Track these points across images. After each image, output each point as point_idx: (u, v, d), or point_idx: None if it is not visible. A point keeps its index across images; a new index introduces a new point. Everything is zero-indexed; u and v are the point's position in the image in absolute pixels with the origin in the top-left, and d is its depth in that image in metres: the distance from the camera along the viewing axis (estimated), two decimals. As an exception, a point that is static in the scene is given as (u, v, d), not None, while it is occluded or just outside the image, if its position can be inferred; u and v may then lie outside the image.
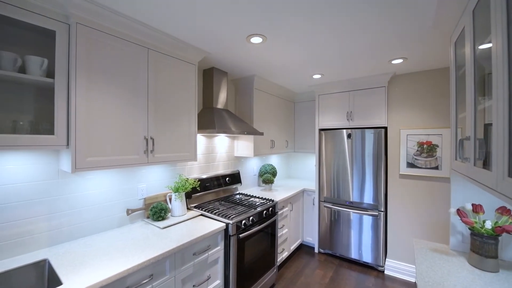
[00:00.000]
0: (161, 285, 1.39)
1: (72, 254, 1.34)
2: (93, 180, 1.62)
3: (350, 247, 2.94)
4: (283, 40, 1.80)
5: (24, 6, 1.15)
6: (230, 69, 2.50)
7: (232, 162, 2.90)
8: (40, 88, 1.36)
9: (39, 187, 1.39)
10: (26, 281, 1.24)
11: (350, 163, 2.93)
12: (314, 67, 2.44)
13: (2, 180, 1.26)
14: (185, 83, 1.89)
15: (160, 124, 1.70)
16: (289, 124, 3.61)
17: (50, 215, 1.43)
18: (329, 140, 3.10)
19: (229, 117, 2.37)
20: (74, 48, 1.27)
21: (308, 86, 3.25)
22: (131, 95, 1.53)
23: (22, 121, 1.24)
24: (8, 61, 1.15)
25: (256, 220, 2.11)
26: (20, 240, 1.33)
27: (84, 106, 1.31)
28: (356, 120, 2.92)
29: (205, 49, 1.97)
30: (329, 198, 3.10)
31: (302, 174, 4.09)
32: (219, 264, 1.81)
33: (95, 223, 1.62)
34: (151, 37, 1.62)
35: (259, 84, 2.83)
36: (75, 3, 1.25)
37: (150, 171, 1.98)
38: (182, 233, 1.64)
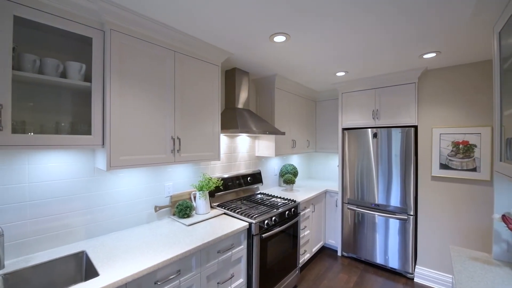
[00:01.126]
0: (188, 281, 1.42)
1: (107, 247, 1.43)
2: (124, 178, 1.71)
3: (375, 251, 2.81)
4: (306, 38, 1.77)
5: (66, 16, 1.24)
6: (251, 69, 2.50)
7: (253, 162, 2.91)
8: (79, 92, 1.46)
9: (77, 183, 1.50)
10: (67, 270, 1.34)
11: (376, 164, 2.81)
12: (338, 64, 2.36)
13: (45, 177, 1.38)
14: (209, 84, 1.93)
15: (185, 124, 1.75)
16: (310, 123, 3.54)
17: (86, 210, 1.53)
18: (353, 139, 2.99)
19: (251, 117, 2.37)
20: (108, 53, 1.35)
21: (331, 84, 3.16)
22: (159, 96, 1.59)
23: (64, 122, 1.35)
24: (52, 67, 1.25)
25: (279, 221, 2.10)
26: (60, 233, 1.44)
27: (117, 107, 1.38)
28: (382, 118, 2.78)
29: (228, 50, 1.99)
30: (353, 200, 2.99)
31: (324, 174, 3.99)
32: (242, 263, 1.82)
33: (126, 219, 1.71)
34: (177, 40, 1.68)
35: (280, 83, 2.81)
36: (110, 11, 1.32)
37: (176, 170, 2.05)
38: (207, 231, 1.67)
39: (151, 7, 1.37)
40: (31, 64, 1.18)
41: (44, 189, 1.37)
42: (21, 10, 1.11)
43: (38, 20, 1.16)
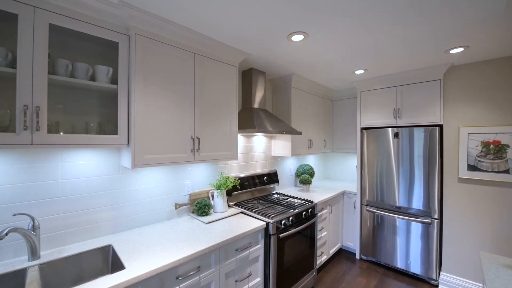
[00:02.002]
0: (207, 277, 1.46)
1: (131, 242, 1.49)
2: (147, 176, 1.78)
3: (396, 255, 2.71)
4: (325, 36, 1.74)
5: (95, 23, 1.31)
6: (268, 69, 2.51)
7: (269, 162, 2.91)
8: (106, 94, 1.54)
9: (104, 181, 1.58)
10: (95, 263, 1.42)
11: (396, 165, 2.70)
12: (357, 61, 2.30)
13: (75, 174, 1.47)
14: (227, 84, 1.96)
15: (204, 124, 1.79)
16: (327, 123, 3.48)
17: (112, 206, 1.61)
18: (372, 139, 2.90)
19: (267, 116, 2.38)
20: (133, 56, 1.41)
21: (349, 83, 3.09)
22: (180, 97, 1.64)
23: (92, 123, 1.43)
24: (82, 71, 1.32)
25: (296, 221, 2.08)
26: (89, 227, 1.52)
27: (141, 108, 1.44)
28: (404, 118, 2.67)
29: (246, 50, 2.01)
30: (372, 202, 2.90)
31: (341, 175, 3.90)
32: (259, 262, 1.83)
33: (148, 215, 1.78)
34: (197, 42, 1.72)
35: (297, 82, 2.79)
36: (134, 16, 1.38)
37: (195, 169, 2.10)
38: (225, 229, 1.69)
39: (173, 11, 1.42)
40: (64, 68, 1.27)
41: (74, 186, 1.46)
42: (56, 18, 1.19)
43: (71, 27, 1.24)
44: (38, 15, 1.14)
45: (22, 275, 1.19)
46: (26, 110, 1.10)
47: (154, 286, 1.21)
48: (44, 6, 1.16)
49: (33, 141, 1.11)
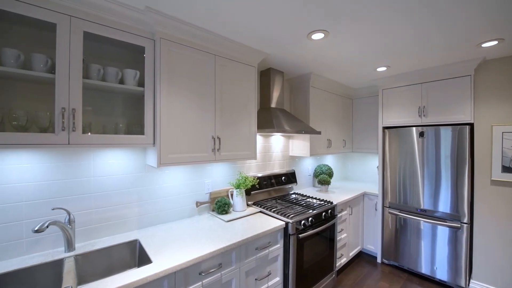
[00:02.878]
0: (228, 274, 1.48)
1: (156, 237, 1.56)
2: (170, 174, 1.85)
3: (420, 260, 2.59)
4: (346, 33, 1.71)
5: (124, 29, 1.39)
6: (286, 68, 2.50)
7: (287, 162, 2.90)
8: (133, 96, 1.62)
9: (131, 179, 1.66)
10: (123, 256, 1.50)
11: (421, 165, 2.58)
12: (380, 59, 2.23)
13: (105, 172, 1.56)
14: (246, 85, 1.98)
15: (224, 124, 1.83)
16: (346, 122, 3.40)
17: (138, 203, 1.69)
18: (394, 139, 2.79)
19: (286, 116, 2.37)
20: (158, 59, 1.47)
21: (370, 81, 2.99)
22: (201, 98, 1.69)
23: (121, 124, 1.51)
24: (112, 75, 1.40)
25: (315, 222, 2.06)
26: (117, 222, 1.61)
27: (166, 109, 1.50)
28: (430, 116, 2.55)
29: (265, 50, 2.02)
30: (395, 204, 2.79)
31: (361, 176, 3.79)
32: (278, 262, 1.83)
33: (171, 212, 1.85)
34: (217, 44, 1.75)
35: (315, 81, 2.75)
36: (160, 21, 1.44)
37: (214, 168, 2.14)
38: (245, 228, 1.72)
39: (196, 14, 1.46)
40: (96, 72, 1.35)
41: (104, 183, 1.55)
42: (89, 26, 1.27)
43: (102, 34, 1.32)
44: (74, 24, 1.22)
45: (60, 265, 1.29)
46: (64, 112, 1.18)
47: (179, 280, 1.26)
48: (79, 15, 1.24)
49: (70, 141, 1.20)
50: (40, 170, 1.34)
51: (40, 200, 1.34)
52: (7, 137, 1.06)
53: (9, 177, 1.26)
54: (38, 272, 1.23)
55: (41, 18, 1.14)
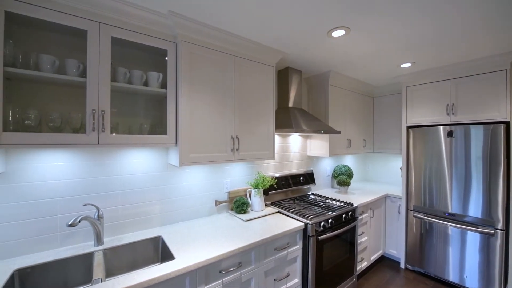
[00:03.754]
0: (248, 273, 1.49)
1: (178, 234, 1.60)
2: (190, 173, 1.89)
3: (447, 267, 2.44)
4: (369, 29, 1.65)
5: (148, 33, 1.44)
6: (304, 67, 2.46)
7: (305, 162, 2.86)
8: (156, 97, 1.68)
9: (154, 177, 1.72)
10: (147, 251, 1.56)
11: (449, 167, 2.43)
12: (404, 54, 2.13)
13: (129, 170, 1.62)
14: (264, 84, 1.98)
15: (243, 124, 1.84)
16: (367, 121, 3.28)
17: (161, 200, 1.75)
18: (419, 138, 2.66)
19: (304, 116, 2.34)
20: (180, 62, 1.51)
21: (393, 78, 2.87)
22: (221, 98, 1.71)
23: (145, 124, 1.57)
24: (137, 78, 1.46)
25: (335, 224, 2.01)
26: (141, 219, 1.67)
27: (187, 110, 1.54)
28: (459, 114, 2.39)
29: (283, 50, 2.01)
30: (419, 207, 2.66)
31: (382, 177, 3.65)
32: (297, 263, 1.81)
33: (191, 210, 1.89)
34: (237, 45, 1.77)
35: (334, 80, 2.69)
36: (182, 24, 1.48)
37: (233, 168, 2.16)
38: (263, 228, 1.71)
39: (216, 16, 1.48)
40: (123, 76, 1.41)
41: (129, 181, 1.62)
42: (117, 31, 1.34)
43: (128, 38, 1.37)
44: (102, 30, 1.29)
45: (90, 258, 1.37)
46: (94, 113, 1.25)
47: (200, 277, 1.28)
48: (107, 21, 1.31)
49: (99, 140, 1.27)
50: (72, 169, 1.43)
51: (72, 197, 1.43)
52: (45, 137, 1.15)
53: (45, 175, 1.35)
54: (70, 264, 1.32)
55: (74, 26, 1.22)
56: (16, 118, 1.23)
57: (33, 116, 1.23)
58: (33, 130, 1.24)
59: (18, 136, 1.09)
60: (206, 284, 1.31)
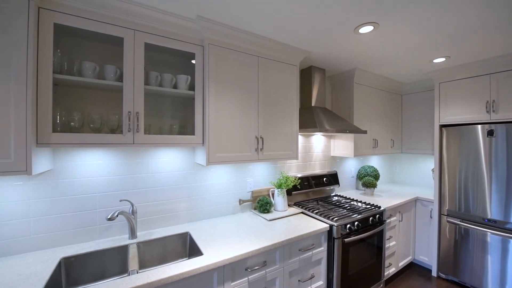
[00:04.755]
0: (272, 273, 1.50)
1: (204, 231, 1.65)
2: (215, 173, 1.94)
3: (486, 277, 2.24)
4: (399, 24, 1.58)
5: (176, 37, 1.50)
6: (328, 65, 2.41)
7: (328, 162, 2.80)
8: (185, 99, 1.75)
9: (181, 176, 1.80)
10: (175, 246, 1.63)
11: (488, 169, 2.24)
12: (437, 49, 2.00)
13: (159, 169, 1.71)
14: (287, 84, 1.97)
15: (267, 124, 1.85)
16: (395, 120, 3.13)
17: (188, 198, 1.82)
18: (454, 138, 2.48)
19: (328, 115, 2.29)
20: (207, 64, 1.56)
21: (424, 74, 2.71)
22: (245, 99, 1.73)
23: (174, 125, 1.64)
24: (168, 80, 1.54)
25: (362, 226, 1.95)
26: (169, 215, 1.75)
27: (214, 111, 1.58)
28: (501, 111, 2.19)
29: (307, 49, 1.99)
30: (454, 212, 2.48)
31: (411, 179, 3.46)
32: (322, 265, 1.78)
33: (216, 208, 1.95)
34: (260, 45, 1.78)
35: (360, 77, 2.60)
36: (209, 28, 1.53)
37: (256, 167, 2.18)
38: (287, 228, 1.71)
39: (242, 19, 1.51)
40: (154, 79, 1.50)
41: (159, 179, 1.71)
42: (150, 38, 1.41)
43: (160, 44, 1.45)
44: (137, 37, 1.37)
45: (125, 250, 1.46)
46: (130, 115, 1.34)
47: (227, 273, 1.32)
48: (141, 29, 1.39)
49: (134, 140, 1.35)
50: (109, 166, 1.54)
51: (109, 192, 1.54)
52: (87, 137, 1.25)
53: (85, 172, 1.47)
54: (108, 255, 1.42)
55: (112, 34, 1.31)
56: (63, 120, 1.35)
57: (77, 118, 1.34)
58: (77, 131, 1.35)
59: (65, 136, 1.20)
60: (232, 281, 1.34)
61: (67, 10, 1.21)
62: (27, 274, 1.12)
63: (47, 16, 1.16)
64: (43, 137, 1.15)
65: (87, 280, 1.36)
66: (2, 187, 1.27)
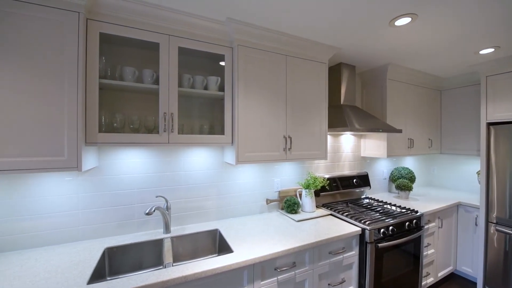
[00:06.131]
0: (302, 274, 1.48)
1: (233, 229, 1.68)
2: (243, 172, 1.97)
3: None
4: (441, 13, 1.45)
5: (208, 40, 1.55)
6: (358, 61, 2.31)
7: (358, 163, 2.68)
8: (215, 100, 1.81)
9: (211, 174, 1.85)
10: (206, 243, 1.68)
11: (549, 173, 1.96)
12: (485, 38, 1.81)
13: (191, 167, 1.78)
14: (316, 82, 1.93)
15: (295, 124, 1.83)
16: (433, 118, 2.90)
17: (216, 196, 1.87)
18: (505, 137, 2.22)
19: (358, 113, 2.20)
20: (236, 65, 1.59)
21: (468, 67, 2.47)
22: (273, 98, 1.73)
23: (205, 125, 1.69)
24: (199, 82, 1.59)
25: (397, 231, 1.83)
26: (200, 212, 1.81)
27: (243, 111, 1.61)
28: None
29: (336, 45, 1.93)
30: (504, 220, 2.22)
31: (451, 182, 3.17)
32: (353, 270, 1.71)
33: (244, 207, 1.97)
34: (289, 44, 1.77)
35: (393, 73, 2.45)
36: (239, 29, 1.56)
37: (283, 167, 2.17)
38: (316, 229, 1.67)
39: (271, 18, 1.51)
40: (187, 81, 1.56)
41: (190, 177, 1.78)
42: (183, 42, 1.48)
43: (192, 47, 1.51)
44: (171, 41, 1.44)
45: (160, 244, 1.55)
46: (165, 116, 1.41)
47: (257, 272, 1.32)
48: (175, 33, 1.46)
49: (169, 140, 1.42)
50: (145, 164, 1.64)
51: (145, 189, 1.64)
52: (128, 137, 1.34)
53: (125, 169, 1.59)
54: (145, 247, 1.51)
55: (149, 40, 1.39)
56: (106, 121, 1.47)
57: (119, 119, 1.45)
58: (119, 131, 1.46)
59: (109, 136, 1.30)
60: (262, 280, 1.35)
61: (111, 20, 1.31)
62: (77, 261, 1.24)
63: (94, 26, 1.27)
64: (91, 137, 1.26)
65: (127, 269, 1.46)
66: (56, 182, 1.42)
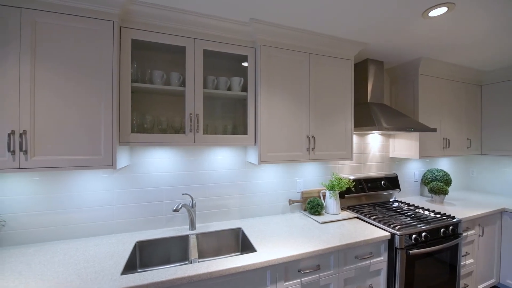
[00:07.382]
0: (326, 278, 1.44)
1: (256, 228, 1.69)
2: (265, 172, 1.97)
3: None
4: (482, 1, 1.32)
5: (231, 42, 1.58)
6: (386, 57, 2.19)
7: (386, 164, 2.54)
8: (238, 100, 1.83)
9: (234, 174, 1.87)
10: (229, 241, 1.71)
11: None
12: (538, 27, 1.62)
13: (214, 166, 1.82)
14: (341, 80, 1.87)
15: (319, 123, 1.78)
16: (472, 116, 2.65)
17: (239, 195, 1.89)
18: None
19: (387, 111, 2.08)
20: (259, 65, 1.59)
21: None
22: (296, 98, 1.71)
23: (228, 125, 1.72)
24: (223, 83, 1.62)
25: (430, 238, 1.71)
26: (223, 210, 1.85)
27: (265, 111, 1.61)
28: None
29: (363, 40, 1.85)
30: None
31: (494, 186, 2.87)
32: (381, 277, 1.63)
33: (266, 207, 1.97)
34: (312, 41, 1.73)
35: (426, 68, 2.29)
36: (261, 29, 1.56)
37: (306, 168, 2.13)
38: (342, 232, 1.62)
39: (295, 16, 1.49)
40: (211, 83, 1.60)
41: (215, 176, 1.82)
42: (208, 44, 1.52)
43: (217, 49, 1.54)
44: (197, 44, 1.49)
45: (186, 240, 1.60)
46: (191, 117, 1.46)
47: (280, 273, 1.31)
48: (200, 36, 1.50)
49: (195, 140, 1.47)
50: (172, 163, 1.71)
51: (172, 187, 1.71)
52: (157, 137, 1.41)
53: (153, 167, 1.67)
54: (172, 243, 1.58)
55: (176, 44, 1.45)
56: (137, 122, 1.56)
57: (148, 120, 1.53)
58: (148, 131, 1.55)
59: (140, 136, 1.38)
60: (285, 281, 1.33)
61: (141, 27, 1.39)
62: (112, 252, 1.33)
63: (127, 33, 1.36)
64: (125, 137, 1.35)
65: (156, 263, 1.54)
66: (93, 178, 1.54)
